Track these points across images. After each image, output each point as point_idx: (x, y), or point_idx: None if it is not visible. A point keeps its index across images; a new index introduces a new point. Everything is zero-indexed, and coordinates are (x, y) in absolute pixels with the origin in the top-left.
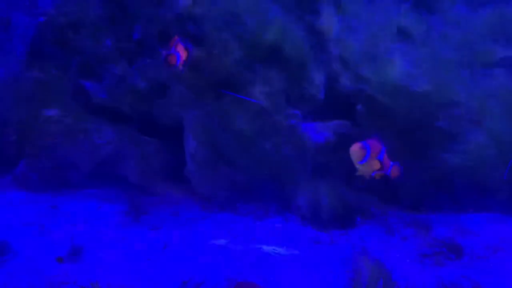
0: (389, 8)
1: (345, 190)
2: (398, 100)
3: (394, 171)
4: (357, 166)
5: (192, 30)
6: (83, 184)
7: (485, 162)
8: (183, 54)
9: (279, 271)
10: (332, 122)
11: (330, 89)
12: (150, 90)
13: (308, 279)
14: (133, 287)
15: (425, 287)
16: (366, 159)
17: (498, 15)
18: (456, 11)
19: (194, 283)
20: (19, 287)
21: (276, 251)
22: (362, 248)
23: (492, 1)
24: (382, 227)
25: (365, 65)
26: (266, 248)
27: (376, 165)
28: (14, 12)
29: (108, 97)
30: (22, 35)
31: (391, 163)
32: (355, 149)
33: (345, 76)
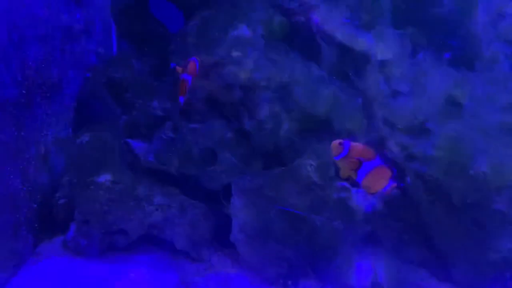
0: (433, 70)
1: (396, 264)
2: (452, 177)
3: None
4: (336, 161)
5: (241, 99)
6: (131, 249)
7: None
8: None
9: None
10: None
11: (379, 155)
12: (198, 155)
13: None
14: None
15: None
16: (342, 156)
17: None
18: (498, 69)
19: None
20: None
21: None
22: None
23: None
24: None
25: (413, 135)
26: None
27: (353, 164)
28: (63, 69)
29: (156, 160)
30: (70, 94)
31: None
32: (333, 144)
33: (392, 143)
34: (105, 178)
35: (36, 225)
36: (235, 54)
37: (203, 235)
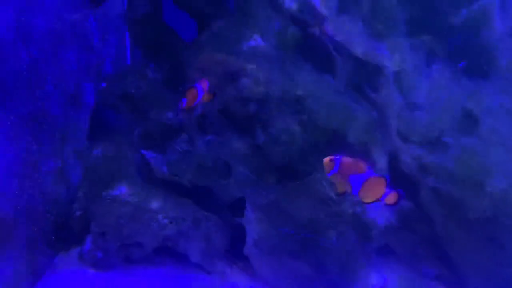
0: (449, 82)
1: (412, 278)
2: (467, 192)
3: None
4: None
5: (255, 112)
6: (145, 262)
7: None
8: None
9: None
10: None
11: (393, 168)
12: (212, 168)
13: None
14: None
15: None
16: (334, 172)
17: None
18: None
19: None
20: None
21: None
22: None
23: None
24: None
25: (428, 148)
26: None
27: (344, 181)
28: (79, 80)
29: (169, 172)
30: (86, 104)
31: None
32: (325, 161)
33: (406, 156)
34: (121, 191)
35: (53, 237)
36: (249, 66)
37: (216, 247)
